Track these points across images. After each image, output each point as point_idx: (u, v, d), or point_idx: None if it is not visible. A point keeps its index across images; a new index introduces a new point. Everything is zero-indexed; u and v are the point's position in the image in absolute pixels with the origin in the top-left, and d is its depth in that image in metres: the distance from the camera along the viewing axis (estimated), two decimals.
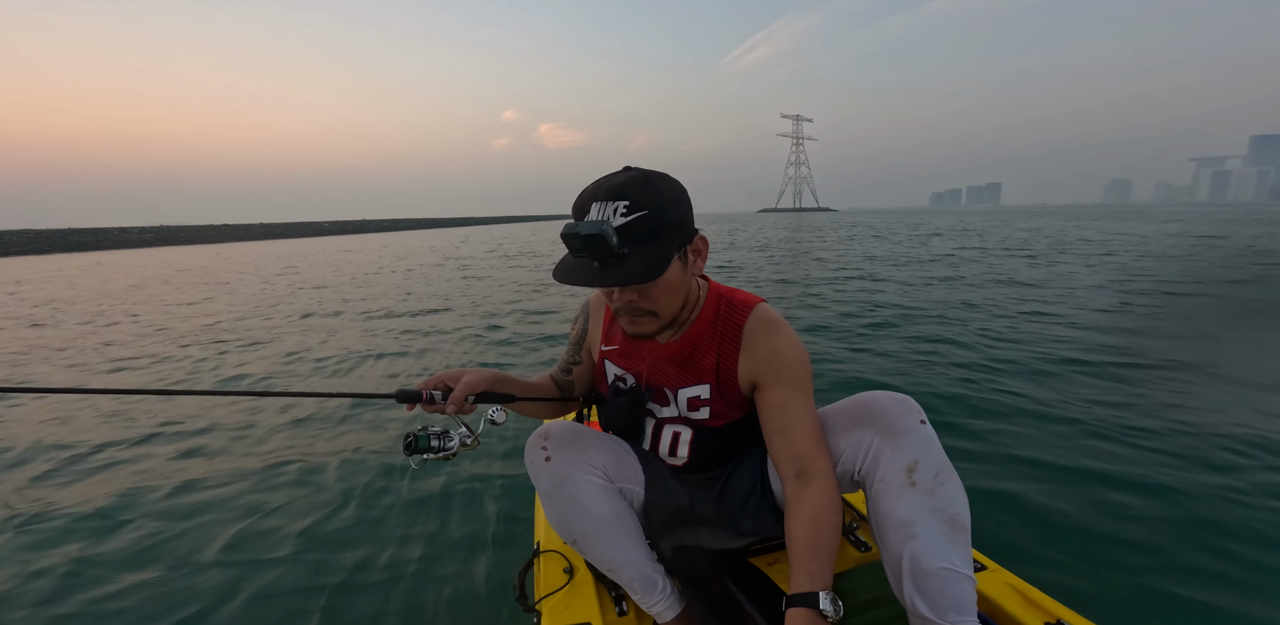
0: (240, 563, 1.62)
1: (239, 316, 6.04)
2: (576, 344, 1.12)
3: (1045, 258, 9.55)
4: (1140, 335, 3.93)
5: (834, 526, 0.82)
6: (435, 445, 0.90)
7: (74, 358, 4.37)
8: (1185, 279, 6.58)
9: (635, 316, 0.88)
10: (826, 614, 0.74)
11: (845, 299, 5.84)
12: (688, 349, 0.97)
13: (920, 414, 0.85)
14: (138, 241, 33.22)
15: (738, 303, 0.96)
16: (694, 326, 0.96)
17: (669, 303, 0.88)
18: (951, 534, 0.80)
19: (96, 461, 2.35)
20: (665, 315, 0.89)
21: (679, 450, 1.03)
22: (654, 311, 0.87)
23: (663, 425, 1.04)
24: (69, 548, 1.72)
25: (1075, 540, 1.54)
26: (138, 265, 15.43)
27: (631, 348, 1.03)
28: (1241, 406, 2.45)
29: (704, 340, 0.96)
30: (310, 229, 47.33)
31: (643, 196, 0.78)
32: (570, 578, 1.06)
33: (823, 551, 0.80)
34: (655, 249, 0.79)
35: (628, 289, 0.85)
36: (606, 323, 1.07)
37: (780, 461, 0.89)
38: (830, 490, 0.85)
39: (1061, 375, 3.02)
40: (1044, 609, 0.92)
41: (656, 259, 0.78)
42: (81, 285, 10.25)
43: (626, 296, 0.86)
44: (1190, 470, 1.88)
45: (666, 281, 0.85)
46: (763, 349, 0.92)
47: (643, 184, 0.79)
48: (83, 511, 1.93)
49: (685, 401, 1.00)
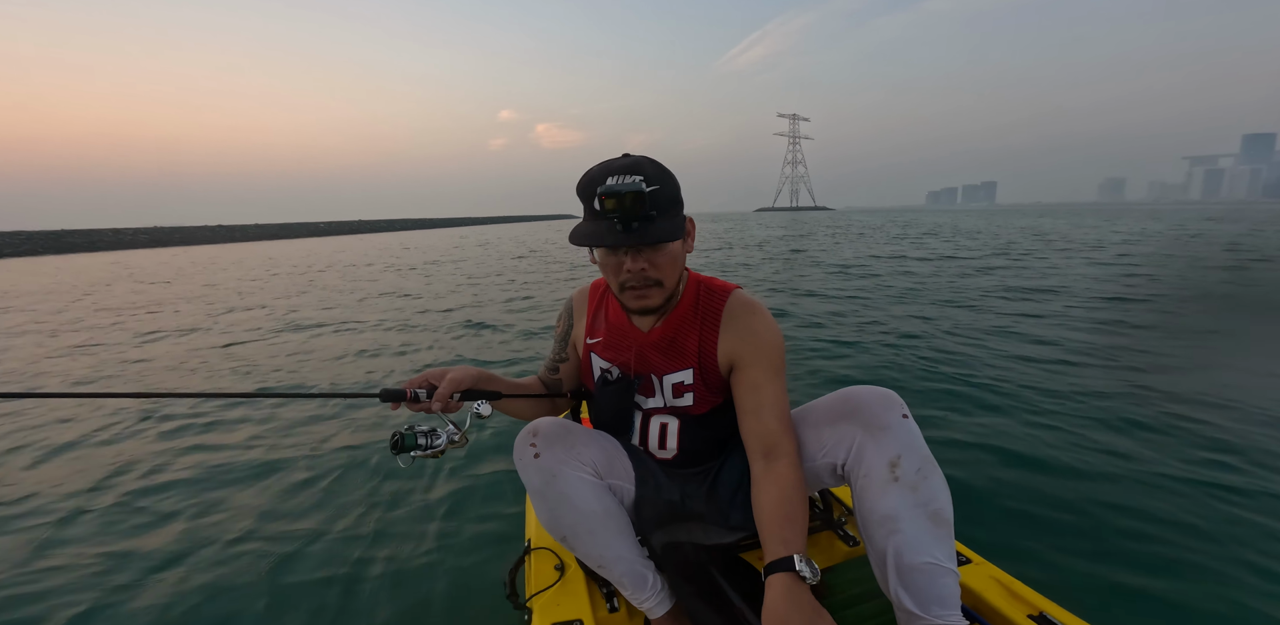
0: (223, 563, 1.62)
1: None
2: (562, 341, 1.13)
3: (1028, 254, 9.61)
4: (1123, 328, 3.96)
5: (801, 500, 0.85)
6: (422, 443, 0.90)
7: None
8: (1158, 272, 6.65)
9: (643, 288, 0.91)
10: (804, 575, 0.75)
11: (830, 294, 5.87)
12: (670, 334, 0.99)
13: (903, 408, 0.86)
14: (131, 242, 33.05)
15: (716, 288, 1.01)
16: (675, 311, 0.99)
17: (672, 273, 0.93)
18: (935, 528, 0.81)
19: (71, 459, 2.35)
20: (668, 286, 0.93)
21: (668, 442, 1.04)
22: (660, 281, 0.91)
23: (650, 417, 1.04)
24: (54, 544, 1.72)
25: (1058, 534, 1.55)
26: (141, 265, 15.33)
27: (616, 339, 1.04)
28: (1231, 401, 2.47)
29: (685, 324, 0.99)
30: (306, 230, 47.19)
31: (654, 173, 0.86)
32: (561, 575, 1.06)
33: (794, 521, 0.82)
34: (675, 217, 0.88)
35: (640, 257, 0.88)
36: (590, 317, 1.09)
37: (749, 440, 0.93)
38: (795, 469, 0.88)
39: (1047, 368, 3.03)
40: (1027, 602, 0.93)
41: (675, 225, 0.87)
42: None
43: (639, 264, 0.88)
44: (1175, 464, 1.90)
45: (673, 252, 0.91)
46: (741, 329, 0.96)
47: (652, 164, 0.87)
48: (59, 510, 1.93)
49: (670, 388, 1.01)
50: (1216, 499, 1.68)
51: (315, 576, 1.55)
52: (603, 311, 1.08)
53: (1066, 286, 6.04)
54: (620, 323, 1.04)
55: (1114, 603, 1.30)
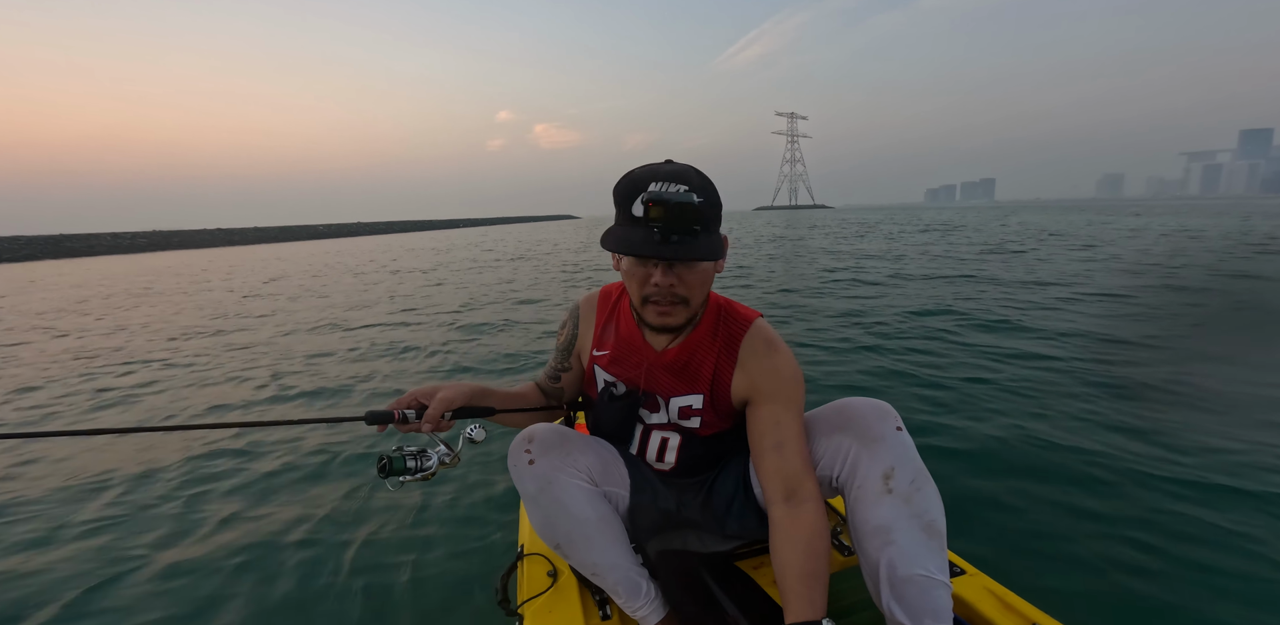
0: (209, 573, 1.61)
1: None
2: (565, 350, 1.08)
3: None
4: (1113, 336, 3.92)
5: (826, 552, 0.82)
6: (412, 466, 0.86)
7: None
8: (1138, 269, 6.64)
9: (669, 305, 0.86)
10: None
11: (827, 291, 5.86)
12: (684, 357, 0.95)
13: (896, 420, 0.86)
14: (130, 247, 33.06)
15: (737, 315, 0.96)
16: (694, 334, 0.95)
17: (700, 293, 0.88)
18: (928, 540, 0.81)
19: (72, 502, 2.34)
20: (694, 306, 0.89)
21: (666, 456, 1.03)
22: (687, 299, 0.86)
23: (651, 430, 1.03)
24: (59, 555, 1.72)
25: (1052, 545, 1.54)
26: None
27: (626, 354, 1.00)
28: (1224, 411, 2.46)
29: (702, 349, 0.95)
30: (305, 232, 47.18)
31: (701, 185, 0.80)
32: (554, 582, 1.06)
33: (819, 578, 0.80)
34: (713, 235, 0.82)
35: (671, 272, 0.83)
36: (599, 328, 1.04)
37: (770, 480, 0.88)
38: (821, 515, 0.85)
39: (1039, 377, 3.00)
40: (1020, 613, 0.93)
41: (715, 244, 0.81)
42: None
43: (669, 280, 0.83)
44: (1167, 472, 1.88)
45: (706, 271, 0.86)
46: (762, 367, 0.92)
47: (698, 175, 0.82)
48: (59, 530, 1.93)
49: (677, 410, 0.99)
50: (1209, 507, 1.67)
51: (303, 585, 1.54)
52: (613, 323, 1.03)
53: (1060, 281, 6.04)
54: (632, 338, 0.99)
55: (1106, 613, 1.29)
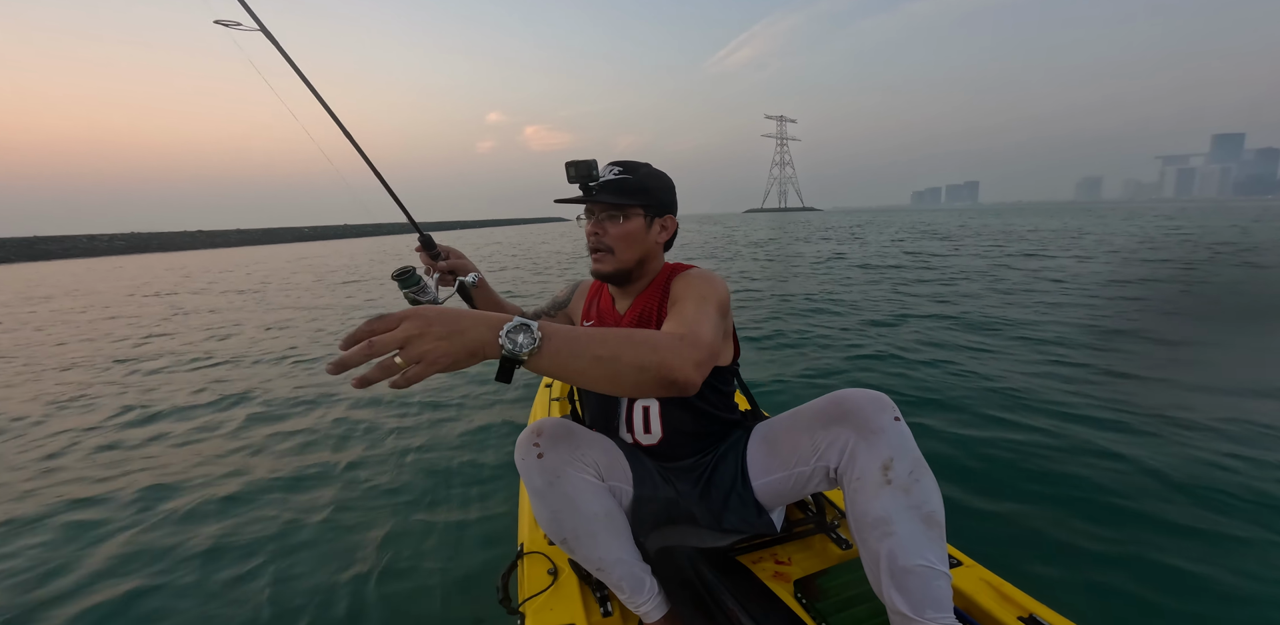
0: (210, 571, 1.60)
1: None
2: (555, 304, 1.30)
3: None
4: (1106, 331, 4.02)
5: (646, 338, 0.72)
6: (418, 285, 1.05)
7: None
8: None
9: (597, 252, 1.05)
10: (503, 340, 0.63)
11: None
12: (637, 312, 1.09)
13: (894, 411, 0.87)
14: (108, 249, 32.39)
15: (679, 270, 1.10)
16: (644, 293, 1.10)
17: (624, 247, 1.04)
18: (927, 531, 0.82)
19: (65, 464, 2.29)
20: (620, 258, 1.05)
21: (651, 425, 1.07)
22: (612, 248, 1.03)
23: (633, 403, 1.09)
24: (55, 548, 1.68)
25: (1049, 536, 1.57)
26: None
27: (601, 321, 1.17)
28: (1220, 401, 2.52)
29: (651, 303, 1.09)
30: (290, 234, 46.59)
31: (633, 168, 1.04)
32: (554, 579, 1.05)
33: (615, 332, 0.71)
34: (629, 198, 1.02)
35: (598, 225, 1.03)
36: (588, 303, 1.22)
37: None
38: (677, 343, 0.75)
39: (1036, 370, 3.07)
40: (1018, 604, 0.94)
41: (625, 200, 1.01)
42: None
43: (595, 229, 1.04)
44: (1164, 466, 1.92)
45: (627, 229, 1.03)
46: (677, 285, 1.02)
47: (638, 163, 1.06)
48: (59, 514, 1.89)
49: None
50: (1205, 502, 1.70)
51: (304, 582, 1.53)
52: (596, 299, 1.21)
53: (1066, 281, 6.15)
54: (606, 308, 1.17)
55: (1102, 604, 1.32)
